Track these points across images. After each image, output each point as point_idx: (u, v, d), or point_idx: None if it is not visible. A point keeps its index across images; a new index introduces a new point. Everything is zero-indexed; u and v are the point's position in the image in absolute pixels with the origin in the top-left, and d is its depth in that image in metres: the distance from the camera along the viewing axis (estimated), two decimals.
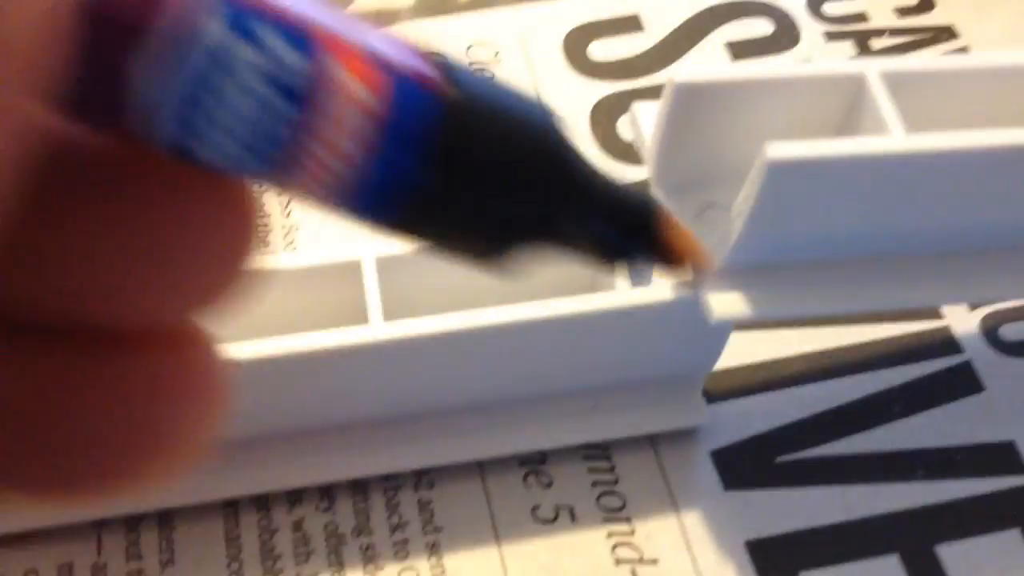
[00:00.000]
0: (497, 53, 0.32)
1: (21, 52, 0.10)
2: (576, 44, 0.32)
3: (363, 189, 0.13)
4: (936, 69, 0.23)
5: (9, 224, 0.12)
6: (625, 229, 0.15)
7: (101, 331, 0.14)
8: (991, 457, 0.24)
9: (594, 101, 0.31)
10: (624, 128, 0.30)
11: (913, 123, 0.21)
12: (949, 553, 0.23)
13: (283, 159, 0.12)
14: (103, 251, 0.13)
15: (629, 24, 0.33)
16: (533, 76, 0.32)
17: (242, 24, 0.12)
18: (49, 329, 0.14)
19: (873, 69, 0.22)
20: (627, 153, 0.30)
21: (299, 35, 0.12)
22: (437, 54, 0.13)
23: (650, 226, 0.15)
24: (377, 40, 0.13)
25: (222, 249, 0.14)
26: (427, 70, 0.13)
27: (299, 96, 0.12)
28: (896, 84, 0.22)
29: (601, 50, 0.32)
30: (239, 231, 0.14)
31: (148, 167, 0.13)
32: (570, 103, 0.31)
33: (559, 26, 0.33)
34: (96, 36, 0.11)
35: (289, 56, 0.12)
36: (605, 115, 0.31)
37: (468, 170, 0.13)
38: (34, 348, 0.14)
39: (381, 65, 0.12)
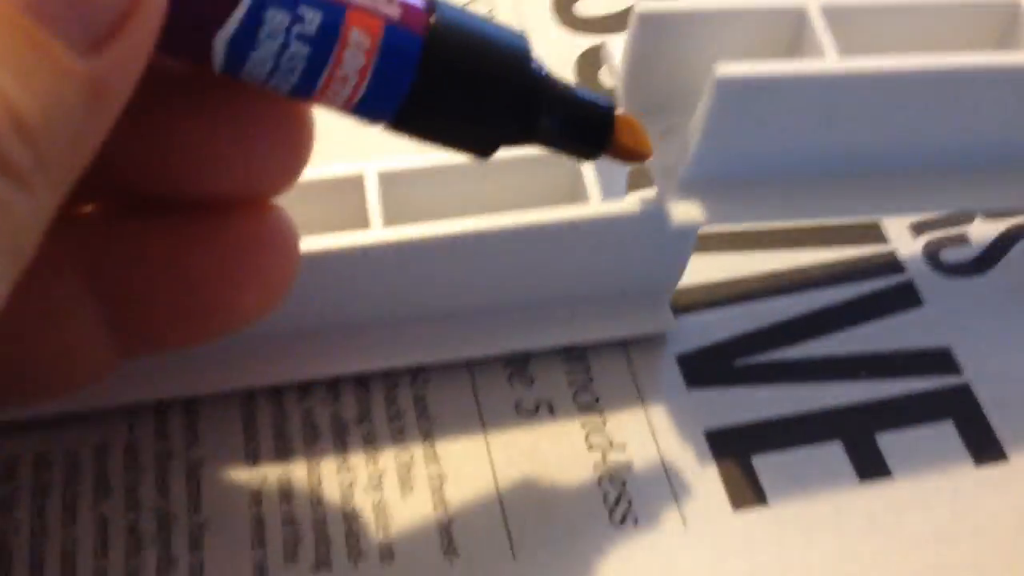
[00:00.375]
0: (491, 9, 0.35)
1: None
2: (564, 1, 0.35)
3: (365, 101, 0.18)
4: (869, 5, 0.25)
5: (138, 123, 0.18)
6: (588, 124, 0.20)
7: (203, 203, 0.20)
8: (929, 360, 0.27)
9: (579, 52, 0.34)
10: (606, 76, 0.33)
11: (848, 50, 0.23)
12: (888, 440, 0.25)
13: (302, 84, 0.18)
14: (207, 142, 0.19)
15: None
16: (525, 29, 0.34)
17: None
18: (165, 202, 0.20)
19: (813, 4, 0.24)
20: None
21: (319, 1, 0.17)
22: None
23: (608, 124, 0.20)
24: None
25: (288, 144, 0.20)
26: (415, 8, 0.18)
27: (311, 40, 0.17)
28: (833, 16, 0.24)
29: (587, 6, 0.35)
30: (300, 134, 0.20)
31: (229, 89, 0.19)
32: (558, 54, 0.34)
33: None
34: (186, 8, 0.16)
35: (308, 13, 0.17)
36: (589, 65, 0.33)
37: (447, 79, 0.19)
38: (155, 218, 0.20)
39: (375, 13, 0.18)
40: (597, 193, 0.25)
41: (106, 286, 0.20)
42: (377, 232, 0.24)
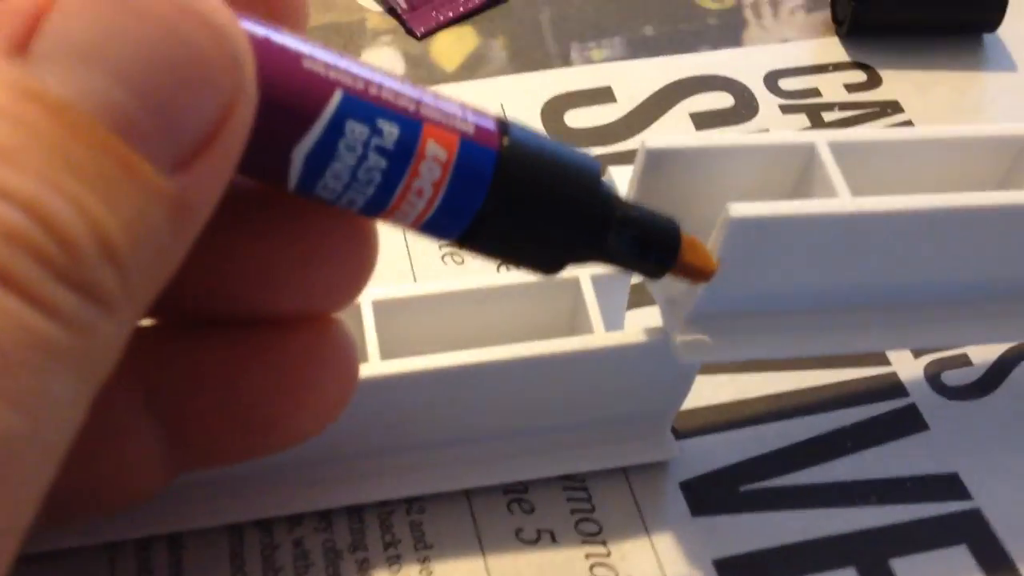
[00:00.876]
0: None
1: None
2: (553, 112, 0.35)
3: (436, 216, 0.18)
4: (879, 140, 0.25)
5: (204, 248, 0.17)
6: (655, 244, 0.20)
7: (266, 318, 0.20)
8: (938, 486, 0.26)
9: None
10: None
11: (858, 188, 0.23)
12: (903, 566, 0.25)
13: (377, 198, 0.17)
14: (273, 262, 0.19)
15: (603, 95, 0.36)
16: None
17: (356, 109, 0.16)
18: (224, 319, 0.20)
19: (822, 139, 0.24)
20: None
21: (397, 114, 0.17)
22: (498, 116, 0.18)
23: (675, 243, 0.20)
24: (452, 107, 0.18)
25: (352, 265, 0.20)
26: (487, 127, 0.18)
27: (389, 153, 0.17)
28: (843, 153, 0.24)
29: (576, 118, 0.35)
30: (365, 253, 0.20)
31: (297, 208, 0.19)
32: None
33: (537, 95, 0.35)
34: (265, 118, 0.16)
35: (386, 127, 0.17)
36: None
37: (519, 196, 0.18)
38: (212, 334, 0.20)
39: (451, 128, 0.17)
40: (600, 321, 0.25)
41: (162, 403, 0.20)
42: (375, 365, 0.23)
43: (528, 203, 0.18)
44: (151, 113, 0.14)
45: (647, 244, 0.20)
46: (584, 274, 0.25)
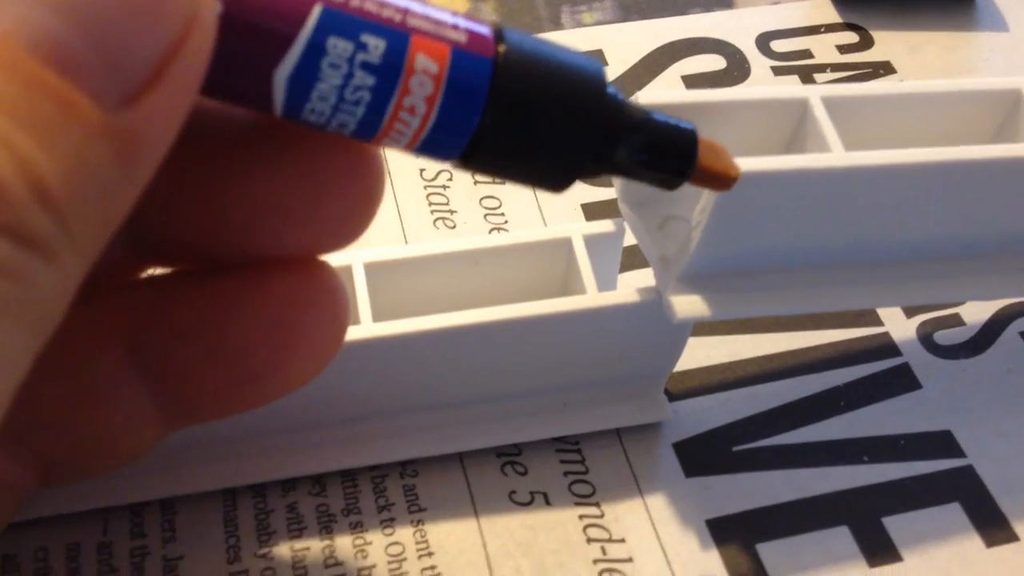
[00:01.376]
0: None
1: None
2: None
3: (434, 135, 0.17)
4: (872, 94, 0.25)
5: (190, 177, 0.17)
6: (670, 150, 0.19)
7: (256, 261, 0.19)
8: (931, 443, 0.26)
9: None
10: None
11: (852, 143, 0.23)
12: (896, 524, 0.25)
13: (368, 118, 0.16)
14: (271, 195, 0.18)
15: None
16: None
17: (338, 23, 0.16)
18: (216, 261, 0.19)
19: (815, 94, 0.24)
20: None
21: (382, 26, 0.16)
22: (495, 22, 0.17)
23: (692, 148, 0.19)
24: (443, 15, 0.17)
25: (358, 197, 0.19)
26: (482, 34, 0.17)
27: (376, 68, 0.16)
28: (836, 107, 0.24)
29: None
30: (370, 184, 0.19)
31: (298, 138, 0.18)
32: None
33: None
34: (240, 42, 0.15)
35: (371, 41, 0.16)
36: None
37: (520, 106, 0.17)
38: (198, 286, 0.19)
39: (441, 38, 0.16)
40: (593, 282, 0.25)
41: (149, 357, 0.19)
42: (367, 327, 0.23)
43: (530, 114, 0.17)
44: (91, 44, 0.13)
45: (662, 151, 0.19)
46: (576, 234, 0.25)
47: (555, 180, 0.19)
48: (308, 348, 0.19)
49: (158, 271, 0.20)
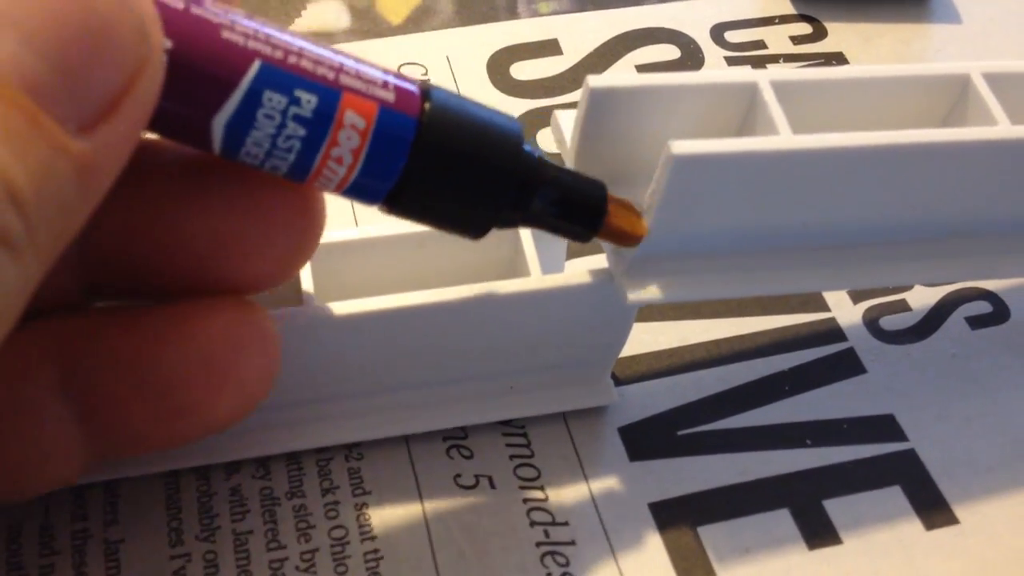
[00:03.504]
0: (425, 72, 0.34)
1: None
2: (499, 65, 0.35)
3: (359, 182, 0.19)
4: (821, 79, 0.25)
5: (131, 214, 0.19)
6: (582, 207, 0.21)
7: (188, 298, 0.20)
8: (874, 427, 0.26)
9: (516, 116, 0.33)
10: (544, 140, 0.33)
11: (801, 127, 0.23)
12: (836, 507, 0.25)
13: (298, 164, 0.18)
14: (201, 228, 0.19)
15: (549, 48, 0.35)
16: (459, 94, 0.34)
17: (274, 79, 0.17)
18: (157, 293, 0.20)
19: (765, 78, 0.24)
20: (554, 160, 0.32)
21: (315, 83, 0.17)
22: (423, 80, 0.19)
23: (601, 204, 0.21)
24: (374, 73, 0.18)
25: (295, 234, 0.20)
26: (409, 92, 0.19)
27: (307, 121, 0.17)
28: (785, 92, 0.24)
29: (522, 70, 0.35)
30: (309, 221, 0.20)
31: (241, 175, 0.19)
32: None
33: (484, 48, 0.35)
34: (184, 88, 0.17)
35: (304, 96, 0.17)
36: (528, 129, 0.33)
37: (441, 161, 0.19)
38: (130, 317, 0.20)
39: (370, 96, 0.18)
40: (537, 266, 0.25)
41: (78, 386, 0.20)
42: (311, 308, 0.23)
43: (450, 168, 0.19)
44: (59, 77, 0.15)
45: (573, 206, 0.20)
46: None
47: (472, 228, 0.20)
48: (236, 388, 0.20)
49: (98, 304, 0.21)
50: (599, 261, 0.24)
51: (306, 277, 0.24)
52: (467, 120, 0.19)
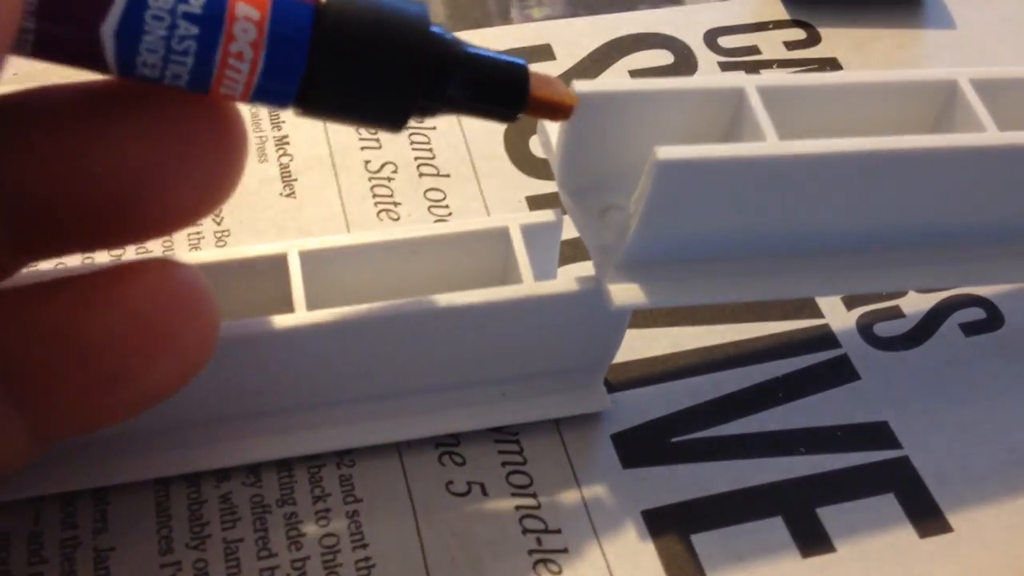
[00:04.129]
0: None
1: None
2: None
3: (265, 82, 0.18)
4: (808, 84, 0.25)
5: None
6: (501, 83, 0.20)
7: (125, 234, 0.19)
8: (867, 434, 0.26)
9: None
10: (536, 146, 0.33)
11: (788, 132, 0.23)
12: (830, 515, 0.25)
13: (198, 69, 0.17)
14: (121, 160, 0.18)
15: (542, 53, 0.35)
16: None
17: None
18: (80, 245, 0.19)
19: (751, 83, 0.24)
20: (540, 169, 0.32)
21: None
22: None
23: (523, 79, 0.20)
24: None
25: (213, 155, 0.19)
26: None
27: (198, 18, 0.17)
28: (772, 97, 0.24)
29: None
30: (225, 141, 0.19)
31: (149, 99, 0.18)
32: (485, 124, 0.33)
33: None
34: (69, 4, 0.16)
35: None
36: (519, 135, 0.33)
37: (344, 48, 0.18)
38: (51, 282, 0.19)
39: None
40: (529, 272, 0.25)
41: (7, 360, 0.19)
42: (301, 315, 0.23)
43: (355, 56, 0.18)
44: None
45: (493, 85, 0.20)
46: (514, 224, 0.25)
47: (388, 119, 0.19)
48: (172, 352, 0.19)
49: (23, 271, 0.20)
50: (591, 268, 0.24)
51: (296, 283, 0.24)
52: (369, 4, 0.18)
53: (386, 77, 0.19)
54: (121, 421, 0.20)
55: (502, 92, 0.20)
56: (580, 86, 0.23)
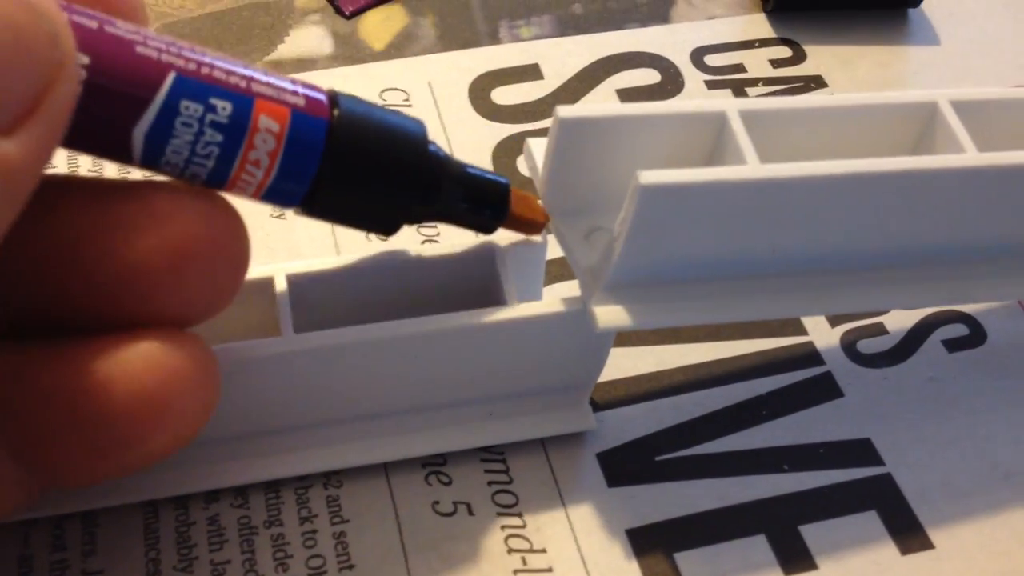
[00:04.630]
0: (407, 98, 0.35)
1: None
2: (480, 90, 0.35)
3: (276, 185, 0.20)
4: (789, 107, 0.25)
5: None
6: (486, 199, 0.22)
7: (122, 327, 0.19)
8: (850, 451, 0.26)
9: (496, 141, 0.34)
10: (524, 167, 0.33)
11: (770, 156, 0.23)
12: (812, 532, 0.25)
13: (218, 169, 0.19)
14: (120, 257, 0.19)
15: (530, 73, 0.36)
16: (440, 118, 0.34)
17: (189, 88, 0.18)
18: (53, 330, 0.19)
19: (733, 107, 0.24)
20: (527, 189, 0.32)
21: (229, 91, 0.19)
22: (331, 90, 0.20)
23: (505, 197, 0.22)
24: (283, 82, 0.19)
25: (220, 260, 0.20)
26: (318, 99, 0.20)
27: (224, 127, 0.19)
28: (754, 121, 0.24)
29: (503, 95, 0.35)
30: (233, 251, 0.20)
31: (153, 199, 0.19)
32: (474, 143, 0.33)
33: (465, 74, 0.35)
34: (103, 101, 0.18)
35: (219, 103, 0.18)
36: (506, 154, 0.33)
37: (352, 161, 0.20)
38: (64, 351, 0.19)
39: (282, 101, 0.19)
40: (514, 293, 0.25)
41: (10, 419, 0.19)
42: (288, 339, 0.23)
43: (360, 167, 0.20)
44: None
45: (478, 200, 0.22)
46: (500, 246, 0.25)
47: (384, 225, 0.22)
48: (173, 420, 0.20)
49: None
50: (577, 287, 0.24)
51: (283, 306, 0.24)
52: (374, 122, 0.20)
53: (386, 190, 0.21)
54: (116, 478, 0.20)
55: (486, 207, 0.23)
56: (564, 111, 0.23)
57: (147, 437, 0.19)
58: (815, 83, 0.36)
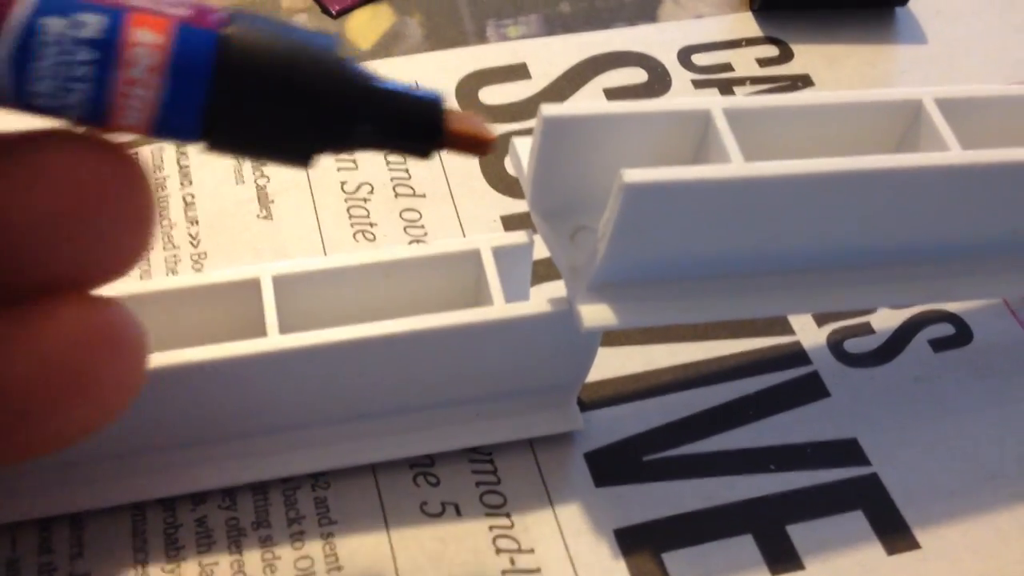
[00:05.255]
0: None
1: None
2: (468, 89, 0.35)
3: (165, 113, 0.17)
4: (774, 106, 0.25)
5: None
6: (415, 120, 0.19)
7: (31, 290, 0.17)
8: (837, 451, 0.27)
9: None
10: (510, 165, 0.33)
11: (755, 154, 0.23)
12: (799, 532, 0.25)
13: (96, 96, 0.17)
14: (17, 213, 0.17)
15: (518, 72, 0.36)
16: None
17: (50, 4, 0.16)
18: None
19: (717, 106, 0.24)
20: (515, 188, 0.32)
21: (95, 5, 0.17)
22: (232, 8, 0.18)
23: (434, 116, 0.19)
24: (168, 3, 0.17)
25: (124, 211, 0.18)
26: (210, 16, 0.17)
27: (96, 43, 0.16)
28: (738, 119, 0.24)
29: (490, 95, 0.35)
30: (136, 201, 0.18)
31: (47, 149, 0.17)
32: None
33: (452, 73, 0.35)
34: None
35: (86, 17, 0.16)
36: (493, 153, 0.33)
37: (250, 85, 0.17)
38: None
39: (165, 15, 0.17)
40: (500, 293, 0.25)
41: None
42: (273, 340, 0.23)
43: (260, 90, 0.17)
44: None
45: (406, 121, 0.19)
46: (485, 246, 0.25)
47: (297, 156, 0.19)
48: (85, 394, 0.18)
49: None
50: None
51: (269, 307, 0.24)
52: (276, 37, 0.18)
53: (294, 115, 0.18)
54: (35, 458, 0.19)
55: (415, 129, 0.19)
56: (548, 110, 0.23)
57: (57, 409, 0.18)
58: (802, 82, 0.36)
